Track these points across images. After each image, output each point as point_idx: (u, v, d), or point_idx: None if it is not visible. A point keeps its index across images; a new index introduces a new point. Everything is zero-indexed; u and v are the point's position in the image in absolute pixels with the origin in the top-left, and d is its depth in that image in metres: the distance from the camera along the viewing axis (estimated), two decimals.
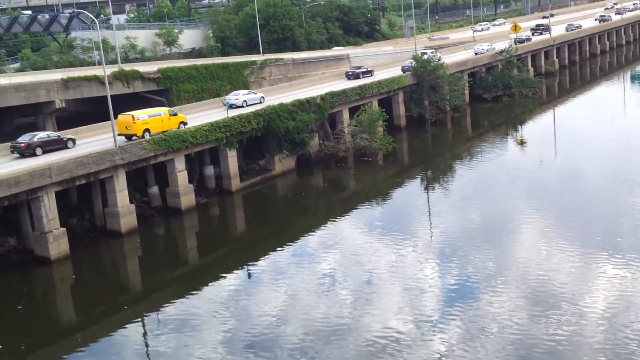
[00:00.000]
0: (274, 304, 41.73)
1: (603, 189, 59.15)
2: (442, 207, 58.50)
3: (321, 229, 55.35)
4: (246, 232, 58.95)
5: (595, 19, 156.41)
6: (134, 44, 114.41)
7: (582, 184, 61.23)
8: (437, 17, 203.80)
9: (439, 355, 34.36)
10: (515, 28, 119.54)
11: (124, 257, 54.06)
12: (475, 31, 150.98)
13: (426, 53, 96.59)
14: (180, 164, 60.90)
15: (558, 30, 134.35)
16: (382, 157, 76.00)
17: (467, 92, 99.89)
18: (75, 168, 52.64)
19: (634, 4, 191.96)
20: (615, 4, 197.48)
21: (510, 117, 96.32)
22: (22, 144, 57.72)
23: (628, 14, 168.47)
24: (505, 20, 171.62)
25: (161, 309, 42.68)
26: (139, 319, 42.18)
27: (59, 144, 59.94)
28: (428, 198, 62.42)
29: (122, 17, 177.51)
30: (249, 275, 47.58)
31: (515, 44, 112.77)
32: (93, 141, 61.05)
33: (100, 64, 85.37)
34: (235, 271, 48.19)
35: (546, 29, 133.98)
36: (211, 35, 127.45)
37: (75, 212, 56.47)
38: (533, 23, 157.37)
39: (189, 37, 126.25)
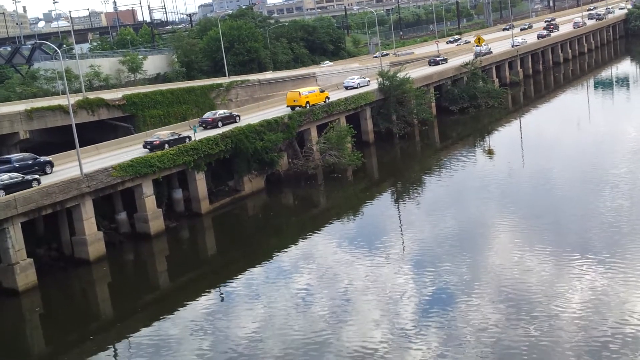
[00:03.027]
0: (250, 323, 41.22)
1: (572, 192, 59.66)
2: (413, 218, 58.54)
3: (294, 246, 54.98)
4: (217, 254, 58.43)
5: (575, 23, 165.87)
6: (98, 71, 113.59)
7: (551, 189, 61.58)
8: (401, 33, 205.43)
9: None
10: (479, 40, 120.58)
11: (93, 284, 53.17)
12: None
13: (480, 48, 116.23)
14: (148, 189, 60.28)
15: (565, 28, 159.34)
16: (351, 173, 75.89)
17: (433, 105, 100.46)
18: (40, 198, 51.87)
19: (606, 8, 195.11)
20: (593, 8, 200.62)
21: (478, 127, 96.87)
22: (209, 119, 75.43)
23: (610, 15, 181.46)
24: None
25: (133, 335, 41.98)
26: (111, 346, 41.44)
27: (231, 119, 77.08)
28: (399, 210, 62.34)
29: (85, 46, 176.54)
30: (222, 297, 47.01)
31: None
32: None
33: (63, 93, 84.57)
34: (208, 293, 47.56)
35: (556, 26, 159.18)
36: (176, 60, 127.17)
37: (42, 242, 55.59)
38: (494, 35, 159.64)
39: (153, 63, 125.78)
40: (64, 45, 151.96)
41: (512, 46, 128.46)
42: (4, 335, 45.38)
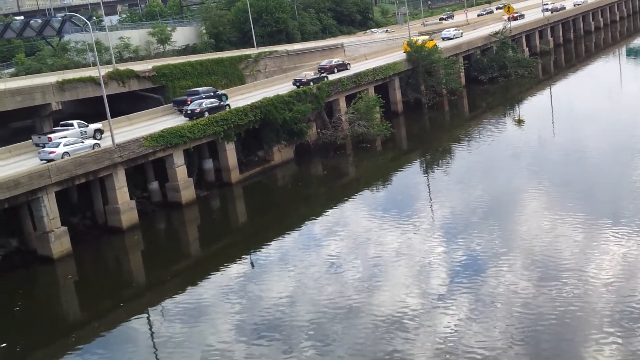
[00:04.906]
0: (282, 289, 41.75)
1: (603, 161, 59.30)
2: (443, 187, 58.52)
3: (323, 215, 55.35)
4: (248, 223, 59.01)
5: None
6: (128, 43, 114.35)
7: (582, 158, 61.27)
8: (429, 2, 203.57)
9: (449, 330, 34.46)
10: (509, 9, 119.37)
11: (127, 252, 54.10)
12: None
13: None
14: (179, 159, 60.92)
15: None
16: (380, 143, 75.97)
17: (462, 74, 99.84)
18: (74, 168, 52.68)
19: None
20: None
21: (507, 97, 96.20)
22: (327, 66, 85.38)
23: None
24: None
25: (166, 301, 42.68)
26: (145, 312, 42.25)
27: (344, 67, 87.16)
28: (428, 179, 62.42)
29: (115, 18, 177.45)
30: (253, 264, 47.58)
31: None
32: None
33: (94, 65, 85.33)
34: (239, 261, 48.15)
35: None
36: (204, 31, 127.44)
37: (76, 211, 56.51)
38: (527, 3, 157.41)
39: (182, 35, 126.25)
40: (94, 17, 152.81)
41: (574, 5, 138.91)
42: (39, 301, 46.38)
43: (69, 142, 56.71)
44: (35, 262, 50.71)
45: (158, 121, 69.27)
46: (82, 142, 57.75)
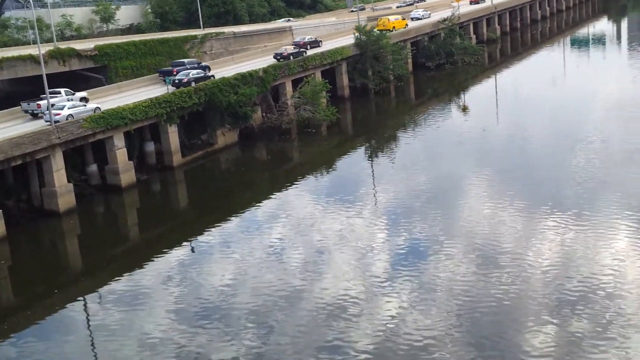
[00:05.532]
0: (223, 275, 41.17)
1: (545, 149, 59.95)
2: (387, 173, 58.52)
3: (266, 200, 54.76)
4: (189, 207, 58.14)
5: None
6: (70, 21, 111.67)
7: (524, 145, 61.97)
8: None
9: (390, 315, 34.40)
10: None
11: (63, 236, 52.73)
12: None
13: None
14: (119, 142, 59.61)
15: None
16: (326, 128, 75.56)
17: (410, 61, 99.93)
18: (10, 149, 51.14)
19: None
20: None
21: (453, 84, 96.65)
22: (300, 42, 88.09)
23: None
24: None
25: (103, 287, 41.66)
26: (81, 299, 41.10)
27: (316, 44, 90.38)
28: (373, 165, 62.29)
29: None
30: (193, 249, 46.78)
31: None
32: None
33: (35, 43, 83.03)
34: (178, 246, 47.23)
35: None
36: (149, 10, 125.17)
37: (11, 193, 54.91)
38: None
39: (126, 13, 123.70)
40: None
41: None
42: None
43: (74, 105, 59.19)
44: None
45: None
46: (85, 105, 60.54)
